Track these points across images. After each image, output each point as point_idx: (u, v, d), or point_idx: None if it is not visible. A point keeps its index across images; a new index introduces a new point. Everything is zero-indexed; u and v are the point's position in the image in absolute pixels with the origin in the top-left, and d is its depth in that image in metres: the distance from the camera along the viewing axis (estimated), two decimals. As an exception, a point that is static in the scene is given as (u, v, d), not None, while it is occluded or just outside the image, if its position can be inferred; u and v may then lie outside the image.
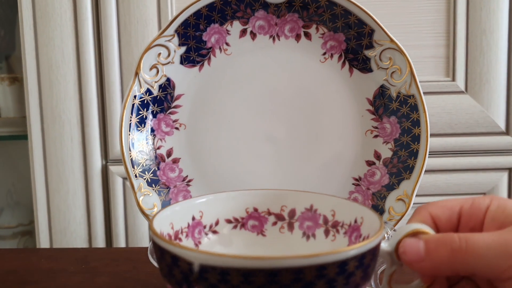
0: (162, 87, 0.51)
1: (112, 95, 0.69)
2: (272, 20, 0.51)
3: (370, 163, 0.52)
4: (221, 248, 0.39)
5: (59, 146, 0.70)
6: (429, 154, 0.68)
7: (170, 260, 0.28)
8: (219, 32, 0.51)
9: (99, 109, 0.70)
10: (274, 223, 0.40)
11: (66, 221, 0.71)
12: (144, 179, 0.50)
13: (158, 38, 0.49)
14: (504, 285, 0.29)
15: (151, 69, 0.50)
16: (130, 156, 0.49)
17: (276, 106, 0.53)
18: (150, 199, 0.50)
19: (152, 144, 0.52)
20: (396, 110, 0.50)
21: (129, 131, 0.50)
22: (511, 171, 0.70)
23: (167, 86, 0.51)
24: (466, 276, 0.32)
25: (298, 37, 0.51)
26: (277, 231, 0.40)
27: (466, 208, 0.32)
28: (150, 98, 0.51)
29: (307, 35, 0.51)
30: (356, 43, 0.50)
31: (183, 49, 0.50)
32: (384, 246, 0.31)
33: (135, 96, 0.50)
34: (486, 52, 0.68)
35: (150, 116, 0.51)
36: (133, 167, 0.50)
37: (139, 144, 0.50)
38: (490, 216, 0.31)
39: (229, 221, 0.40)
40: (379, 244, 0.30)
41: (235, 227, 0.40)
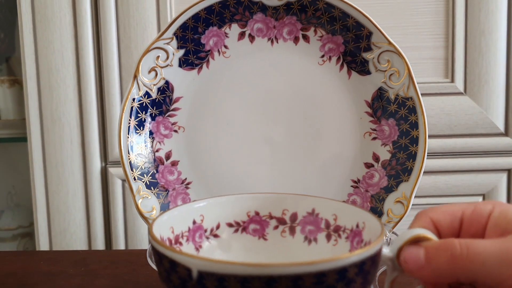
0: (161, 90, 0.51)
1: (112, 97, 0.69)
2: (270, 23, 0.51)
3: (368, 165, 0.52)
4: (222, 253, 0.39)
5: (59, 148, 0.70)
6: (429, 155, 0.69)
7: (168, 265, 0.28)
8: (217, 35, 0.51)
9: (98, 111, 0.70)
10: (276, 227, 0.40)
11: (65, 223, 0.71)
12: (143, 181, 0.50)
13: (156, 41, 0.49)
14: None
15: (149, 72, 0.50)
16: (129, 159, 0.50)
17: (274, 108, 0.53)
18: (149, 202, 0.50)
19: (151, 146, 0.52)
20: (395, 112, 0.50)
21: (128, 134, 0.50)
22: (510, 172, 0.70)
23: (166, 89, 0.51)
24: (468, 283, 0.32)
25: (296, 40, 0.51)
26: (278, 235, 0.40)
27: (468, 214, 0.32)
28: (149, 101, 0.51)
29: (305, 38, 0.51)
30: (354, 46, 0.50)
31: (181, 52, 0.50)
32: (385, 251, 0.31)
33: (133, 99, 0.50)
34: (485, 53, 0.68)
35: (149, 119, 0.51)
36: (132, 170, 0.50)
37: (138, 147, 0.51)
38: (493, 222, 0.31)
39: (230, 225, 0.39)
40: (379, 250, 0.29)
41: (236, 231, 0.40)
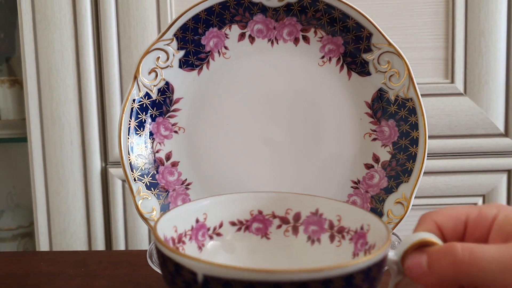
0: (161, 91, 0.51)
1: (112, 97, 0.69)
2: (270, 24, 0.51)
3: (368, 166, 0.52)
4: (225, 253, 0.39)
5: (59, 149, 0.70)
6: (429, 156, 0.69)
7: (173, 268, 0.28)
8: (217, 36, 0.51)
9: (98, 112, 0.70)
10: (279, 226, 0.40)
11: (66, 223, 0.71)
12: (143, 182, 0.50)
13: (157, 42, 0.49)
14: None
15: (150, 73, 0.50)
16: (129, 160, 0.50)
17: (274, 109, 0.53)
18: (149, 203, 0.50)
19: (151, 147, 0.52)
20: (395, 113, 0.50)
21: (128, 135, 0.50)
22: (510, 173, 0.70)
23: (166, 89, 0.51)
24: None
25: (296, 41, 0.51)
26: (281, 235, 0.40)
27: (472, 217, 0.32)
28: (149, 102, 0.51)
29: (306, 39, 0.51)
30: (354, 47, 0.50)
31: (182, 53, 0.50)
32: (390, 255, 0.31)
33: (134, 100, 0.50)
34: (485, 54, 0.68)
35: (149, 120, 0.51)
36: (132, 171, 0.50)
37: (138, 148, 0.51)
38: (497, 227, 0.31)
39: (233, 224, 0.39)
40: (385, 257, 0.29)
41: (239, 229, 0.39)
